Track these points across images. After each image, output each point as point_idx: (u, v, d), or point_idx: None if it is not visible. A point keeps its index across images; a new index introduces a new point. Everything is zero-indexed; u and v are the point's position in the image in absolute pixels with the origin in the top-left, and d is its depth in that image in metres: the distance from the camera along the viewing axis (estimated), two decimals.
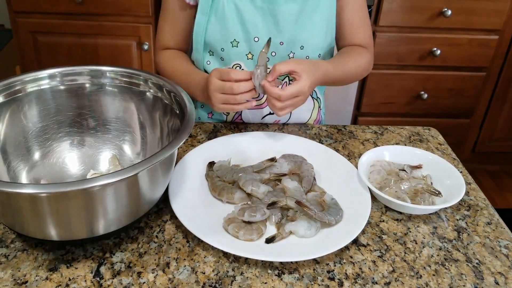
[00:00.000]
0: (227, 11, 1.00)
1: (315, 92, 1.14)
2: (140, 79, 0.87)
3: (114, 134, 0.91)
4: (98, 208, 0.65)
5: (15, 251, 0.72)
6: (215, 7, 1.01)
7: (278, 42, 1.03)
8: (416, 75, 2.13)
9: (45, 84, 0.86)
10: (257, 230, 0.75)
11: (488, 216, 0.85)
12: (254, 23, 1.01)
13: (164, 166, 0.73)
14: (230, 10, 1.00)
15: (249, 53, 1.04)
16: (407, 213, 0.84)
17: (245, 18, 1.01)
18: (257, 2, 1.00)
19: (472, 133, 2.33)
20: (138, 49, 2.00)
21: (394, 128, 1.11)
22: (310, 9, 1.02)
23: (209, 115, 1.16)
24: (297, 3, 1.01)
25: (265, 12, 1.01)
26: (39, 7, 1.90)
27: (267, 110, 1.11)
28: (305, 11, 1.02)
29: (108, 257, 0.72)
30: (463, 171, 0.97)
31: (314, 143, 0.99)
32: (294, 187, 0.84)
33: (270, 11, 1.00)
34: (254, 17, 1.01)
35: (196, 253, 0.74)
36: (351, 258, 0.74)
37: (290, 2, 1.00)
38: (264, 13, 1.01)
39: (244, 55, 1.04)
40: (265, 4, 1.00)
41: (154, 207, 0.81)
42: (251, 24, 1.01)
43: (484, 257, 0.76)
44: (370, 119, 2.23)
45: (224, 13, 1.00)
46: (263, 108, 1.10)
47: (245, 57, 1.04)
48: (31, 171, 0.84)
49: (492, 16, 2.00)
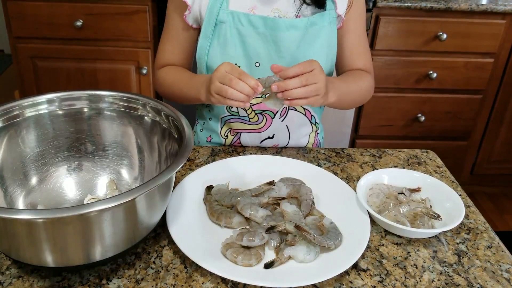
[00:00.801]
0: (229, 36, 1.02)
1: (313, 118, 1.15)
2: (139, 104, 0.88)
3: (112, 158, 0.91)
4: (95, 233, 0.65)
5: (11, 278, 0.71)
6: (217, 31, 1.02)
7: None
8: (413, 98, 2.14)
9: (43, 109, 0.86)
10: (256, 255, 0.75)
11: (488, 239, 0.85)
12: (256, 49, 1.02)
13: (162, 191, 0.73)
14: (233, 35, 1.02)
15: None
16: (406, 237, 0.84)
17: (247, 43, 1.02)
18: (259, 29, 1.01)
19: (470, 155, 2.33)
20: (137, 74, 2.02)
21: (392, 151, 1.11)
22: (311, 37, 1.03)
23: (208, 138, 1.16)
24: (298, 30, 1.02)
25: (267, 39, 1.02)
26: (39, 33, 1.92)
27: (265, 134, 1.11)
28: (306, 38, 1.03)
29: (104, 283, 0.71)
30: (462, 194, 0.96)
31: (313, 167, 0.99)
32: (293, 211, 0.84)
33: (272, 38, 1.01)
34: (256, 43, 1.02)
35: (194, 279, 0.73)
36: (351, 283, 0.73)
37: (292, 29, 1.01)
38: (266, 40, 1.02)
39: None
40: (267, 31, 1.01)
41: (152, 232, 0.80)
42: (252, 50, 1.02)
43: (486, 281, 0.75)
44: (368, 142, 2.24)
45: (226, 38, 1.02)
46: (261, 132, 1.11)
47: None
48: (28, 196, 0.84)
49: (487, 39, 2.03)
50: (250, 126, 1.10)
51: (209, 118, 1.15)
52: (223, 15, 1.01)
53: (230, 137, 1.13)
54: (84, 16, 1.89)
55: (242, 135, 1.12)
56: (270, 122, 1.10)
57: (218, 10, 1.01)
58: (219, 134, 1.14)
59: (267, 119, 1.09)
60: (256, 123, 1.10)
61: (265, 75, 1.04)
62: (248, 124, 1.10)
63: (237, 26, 1.01)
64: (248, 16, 1.00)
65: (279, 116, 1.10)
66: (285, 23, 1.00)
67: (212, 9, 1.01)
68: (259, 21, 1.00)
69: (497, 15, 1.98)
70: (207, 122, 1.16)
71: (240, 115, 1.09)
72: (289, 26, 1.01)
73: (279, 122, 1.10)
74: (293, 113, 1.11)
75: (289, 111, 1.10)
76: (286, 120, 1.11)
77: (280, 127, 1.11)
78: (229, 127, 1.12)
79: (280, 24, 1.00)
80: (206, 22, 1.02)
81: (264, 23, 1.00)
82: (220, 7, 1.01)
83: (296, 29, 1.01)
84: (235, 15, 1.00)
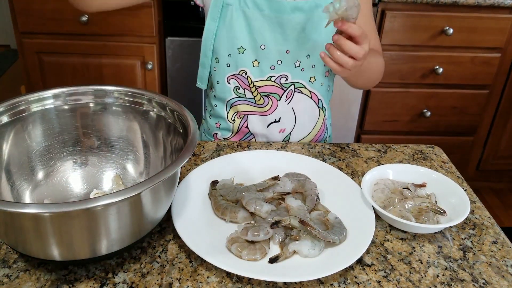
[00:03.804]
0: (235, 19, 1.02)
1: (320, 101, 1.15)
2: (144, 99, 0.88)
3: (118, 153, 0.91)
4: (101, 227, 0.65)
5: (18, 271, 0.72)
6: (223, 13, 1.03)
7: (284, 50, 1.05)
8: (419, 93, 2.14)
9: (49, 104, 0.86)
10: (261, 250, 0.75)
11: (493, 235, 0.85)
12: (261, 31, 1.03)
13: (167, 185, 0.73)
14: (239, 18, 1.03)
15: (255, 60, 1.06)
16: (411, 232, 0.83)
17: (253, 26, 1.03)
18: (264, 11, 1.02)
19: (476, 151, 2.32)
20: (142, 69, 2.02)
21: (398, 147, 1.11)
22: (317, 19, 1.03)
23: (217, 124, 1.17)
24: (303, 12, 1.02)
25: (272, 21, 1.02)
26: (44, 28, 1.93)
27: (271, 117, 1.12)
28: (312, 20, 1.03)
29: (110, 277, 0.71)
30: (467, 190, 0.96)
31: (318, 162, 0.99)
32: (298, 206, 0.84)
33: (278, 20, 1.02)
34: (261, 26, 1.03)
35: (199, 273, 0.73)
36: (355, 278, 0.73)
37: (297, 12, 1.02)
38: (271, 22, 1.02)
39: (250, 62, 1.06)
40: (273, 13, 1.02)
41: (157, 226, 0.81)
42: (258, 32, 1.03)
43: (491, 277, 0.75)
44: (373, 137, 2.23)
45: (232, 20, 1.03)
46: (267, 115, 1.11)
47: (251, 64, 1.06)
48: (34, 191, 0.84)
49: (494, 34, 2.01)
50: (256, 109, 1.11)
51: (214, 105, 1.15)
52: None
53: (237, 120, 1.13)
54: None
55: (249, 118, 1.12)
56: (276, 104, 1.10)
57: None
58: (226, 119, 1.14)
59: (273, 101, 1.10)
60: (262, 106, 1.10)
61: (271, 58, 1.05)
62: (254, 106, 1.11)
63: (243, 8, 1.02)
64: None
65: (285, 98, 1.10)
66: (289, 4, 1.01)
67: None
68: (264, 3, 1.01)
69: (504, 9, 1.97)
70: (213, 109, 1.16)
71: (247, 97, 1.10)
72: (294, 8, 1.01)
73: (285, 105, 1.11)
74: (299, 96, 1.11)
75: (295, 94, 1.10)
76: (292, 102, 1.11)
77: (286, 109, 1.11)
78: (235, 110, 1.13)
79: (285, 6, 1.01)
80: (213, 4, 1.03)
81: (269, 5, 1.01)
82: None
83: (301, 11, 1.02)
84: None
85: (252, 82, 1.08)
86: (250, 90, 1.09)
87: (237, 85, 1.09)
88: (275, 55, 1.05)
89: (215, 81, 1.12)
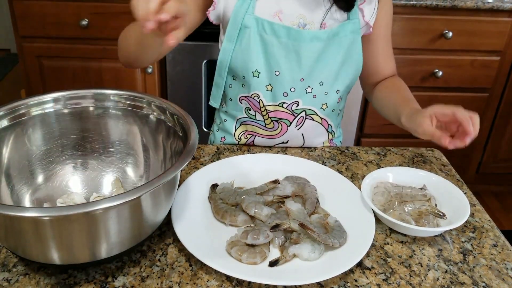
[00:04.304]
0: (252, 42, 1.01)
1: (330, 126, 1.13)
2: (144, 102, 0.88)
3: (117, 157, 0.91)
4: (101, 231, 0.65)
5: (17, 275, 0.72)
6: (241, 35, 1.02)
7: (299, 78, 1.03)
8: (418, 96, 2.11)
9: (49, 108, 0.86)
10: (261, 253, 0.75)
11: (493, 238, 0.84)
12: (277, 58, 1.02)
13: (167, 189, 0.73)
14: (256, 42, 1.01)
15: (269, 85, 1.04)
16: (411, 235, 0.83)
17: (269, 51, 1.02)
18: (282, 38, 1.01)
19: (476, 154, 2.32)
20: (142, 72, 2.03)
21: (397, 150, 1.11)
22: (332, 48, 1.03)
23: (222, 139, 1.16)
24: (322, 41, 1.01)
25: (289, 49, 1.01)
26: (44, 32, 1.93)
27: (279, 140, 1.11)
28: (327, 49, 1.02)
29: (110, 281, 0.71)
30: (467, 193, 0.96)
31: (317, 165, 0.99)
32: (298, 209, 0.84)
33: (294, 48, 1.01)
34: (277, 52, 1.02)
35: (199, 277, 0.73)
36: (355, 281, 0.73)
37: (315, 41, 1.01)
38: (287, 49, 1.01)
39: (264, 86, 1.05)
40: (290, 41, 1.01)
41: (157, 230, 0.81)
42: (273, 58, 1.02)
43: (491, 280, 0.75)
44: (373, 140, 2.23)
45: (250, 44, 1.01)
46: (276, 138, 1.11)
47: (265, 88, 1.05)
48: (34, 194, 0.84)
49: (493, 38, 2.02)
50: (265, 132, 1.10)
51: (224, 120, 1.15)
52: (248, 19, 1.00)
53: (244, 140, 1.13)
54: (89, 16, 1.90)
55: (256, 139, 1.11)
56: (285, 130, 1.09)
57: (244, 15, 1.00)
58: (233, 136, 1.13)
59: (283, 127, 1.09)
60: (272, 130, 1.10)
61: (285, 84, 1.04)
62: (263, 129, 1.10)
63: (261, 33, 1.01)
64: (272, 24, 1.00)
65: (295, 124, 1.09)
66: (309, 34, 1.00)
67: (238, 12, 1.00)
68: (282, 31, 1.00)
69: (503, 12, 1.97)
70: (222, 123, 1.15)
71: (257, 119, 1.09)
72: (313, 37, 1.00)
73: (294, 130, 1.09)
74: (310, 122, 1.09)
75: (306, 120, 1.09)
76: (302, 129, 1.10)
77: (295, 134, 1.10)
78: (244, 129, 1.12)
79: (304, 36, 1.00)
80: (231, 25, 1.02)
81: (287, 33, 1.00)
82: (246, 11, 1.00)
83: (319, 40, 1.01)
84: (260, 21, 1.00)
85: (264, 106, 1.06)
86: (261, 113, 1.08)
87: (248, 106, 1.08)
88: (289, 82, 1.04)
89: (228, 98, 1.11)
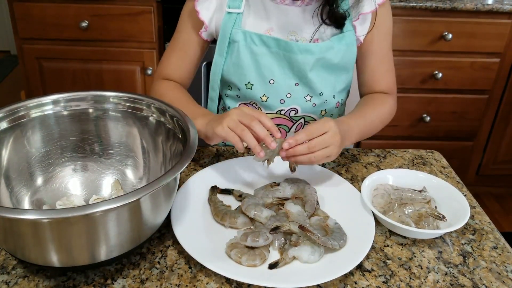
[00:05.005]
0: (242, 55, 1.01)
1: None
2: (143, 104, 0.88)
3: (117, 159, 0.91)
4: (100, 233, 0.65)
5: (16, 278, 0.72)
6: (231, 50, 1.02)
7: (293, 83, 1.04)
8: (418, 98, 2.14)
9: (49, 110, 0.86)
10: (260, 256, 0.75)
11: (494, 240, 0.84)
12: (269, 67, 1.02)
13: (166, 191, 0.73)
14: (245, 55, 1.01)
15: (264, 95, 1.05)
16: (411, 238, 0.83)
17: (260, 62, 1.02)
18: (272, 48, 1.01)
19: (475, 155, 2.32)
20: (142, 74, 2.03)
21: (397, 152, 1.11)
22: (327, 60, 1.02)
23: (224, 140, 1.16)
24: (313, 54, 1.00)
25: (280, 57, 1.01)
26: (44, 34, 1.94)
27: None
28: (322, 62, 1.02)
29: (109, 283, 0.71)
30: (467, 195, 0.96)
31: (317, 167, 0.99)
32: (297, 212, 0.84)
33: (286, 57, 1.01)
34: (269, 62, 1.02)
35: (198, 279, 0.73)
36: (355, 284, 0.73)
37: (306, 53, 1.00)
38: (279, 58, 1.01)
39: (259, 97, 1.05)
40: (281, 51, 1.00)
41: (156, 232, 0.81)
42: (266, 68, 1.02)
43: (491, 282, 0.75)
44: (372, 142, 2.23)
45: (239, 57, 1.01)
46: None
47: (260, 99, 1.06)
48: (33, 196, 0.84)
49: (493, 39, 2.02)
50: None
51: None
52: (236, 34, 1.00)
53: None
54: (89, 17, 1.90)
55: None
56: (284, 135, 1.10)
57: (231, 29, 1.00)
58: None
59: (282, 133, 1.09)
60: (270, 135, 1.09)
61: (280, 92, 1.03)
62: None
63: (250, 45, 1.01)
64: (260, 36, 1.00)
65: (294, 130, 1.09)
66: (298, 46, 0.99)
67: (225, 27, 1.01)
68: (272, 42, 1.00)
69: (503, 14, 1.97)
70: None
71: None
72: (303, 50, 0.99)
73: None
74: None
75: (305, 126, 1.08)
76: None
77: None
78: None
79: (294, 47, 0.99)
80: (220, 40, 1.02)
81: (277, 44, 1.00)
82: (233, 26, 1.00)
83: (310, 53, 1.00)
84: (248, 34, 1.00)
85: None
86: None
87: None
88: (284, 89, 1.04)
89: (227, 106, 1.12)
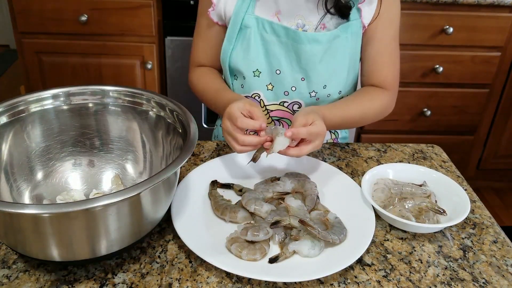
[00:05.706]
0: (253, 41, 1.01)
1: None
2: (143, 99, 0.88)
3: (117, 153, 0.91)
4: (101, 228, 0.65)
5: (17, 272, 0.72)
6: (241, 35, 1.02)
7: (300, 78, 1.03)
8: (419, 92, 2.13)
9: (48, 104, 0.86)
10: (260, 250, 0.75)
11: (494, 234, 0.84)
12: (277, 56, 1.02)
13: (166, 185, 0.73)
14: (256, 41, 1.01)
15: (270, 84, 1.05)
16: (411, 232, 0.83)
17: (269, 50, 1.02)
18: (282, 38, 1.00)
19: (476, 150, 2.32)
20: (141, 69, 2.02)
21: (398, 146, 1.11)
22: (334, 50, 1.01)
23: None
24: (321, 44, 1.00)
25: (288, 48, 1.01)
26: (44, 28, 1.93)
27: None
28: (329, 51, 1.01)
29: (110, 278, 0.71)
30: (467, 189, 0.96)
31: (317, 161, 0.99)
32: (298, 206, 0.84)
33: (294, 48, 1.01)
34: (278, 51, 1.01)
35: (198, 273, 0.73)
36: (355, 278, 0.73)
37: (314, 43, 1.00)
38: (287, 49, 1.01)
39: (265, 85, 1.05)
40: (289, 41, 1.00)
41: (157, 226, 0.81)
42: (274, 57, 1.02)
43: (491, 276, 0.75)
44: (373, 136, 2.23)
45: (250, 43, 1.01)
46: None
47: (265, 88, 1.05)
48: (33, 191, 0.84)
49: (494, 33, 2.01)
50: None
51: None
52: (248, 19, 1.00)
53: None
54: (89, 11, 1.89)
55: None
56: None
57: (244, 14, 1.00)
58: None
59: (284, 126, 1.09)
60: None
61: (286, 83, 1.03)
62: None
63: (261, 32, 1.01)
64: (271, 24, 1.00)
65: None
66: (307, 36, 0.99)
67: (238, 12, 1.01)
68: (281, 31, 1.00)
69: (504, 8, 1.97)
70: None
71: None
72: (311, 40, 0.99)
73: None
74: None
75: None
76: None
77: None
78: None
79: (302, 37, 0.99)
80: (231, 25, 1.02)
81: (286, 33, 1.00)
82: (246, 11, 1.00)
83: (318, 43, 1.00)
84: (260, 21, 1.00)
85: (265, 105, 1.07)
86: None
87: None
88: (289, 81, 1.03)
89: None
